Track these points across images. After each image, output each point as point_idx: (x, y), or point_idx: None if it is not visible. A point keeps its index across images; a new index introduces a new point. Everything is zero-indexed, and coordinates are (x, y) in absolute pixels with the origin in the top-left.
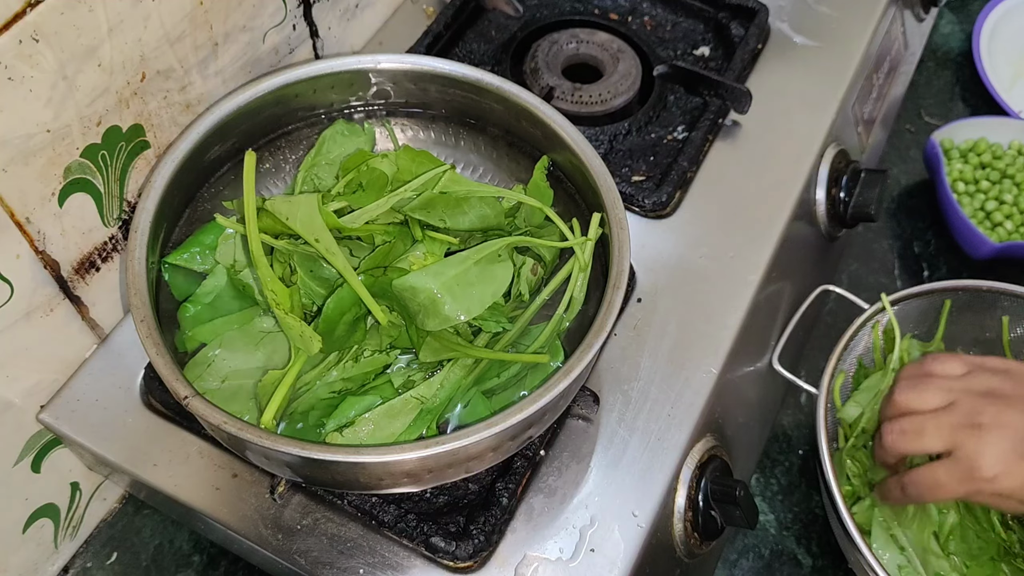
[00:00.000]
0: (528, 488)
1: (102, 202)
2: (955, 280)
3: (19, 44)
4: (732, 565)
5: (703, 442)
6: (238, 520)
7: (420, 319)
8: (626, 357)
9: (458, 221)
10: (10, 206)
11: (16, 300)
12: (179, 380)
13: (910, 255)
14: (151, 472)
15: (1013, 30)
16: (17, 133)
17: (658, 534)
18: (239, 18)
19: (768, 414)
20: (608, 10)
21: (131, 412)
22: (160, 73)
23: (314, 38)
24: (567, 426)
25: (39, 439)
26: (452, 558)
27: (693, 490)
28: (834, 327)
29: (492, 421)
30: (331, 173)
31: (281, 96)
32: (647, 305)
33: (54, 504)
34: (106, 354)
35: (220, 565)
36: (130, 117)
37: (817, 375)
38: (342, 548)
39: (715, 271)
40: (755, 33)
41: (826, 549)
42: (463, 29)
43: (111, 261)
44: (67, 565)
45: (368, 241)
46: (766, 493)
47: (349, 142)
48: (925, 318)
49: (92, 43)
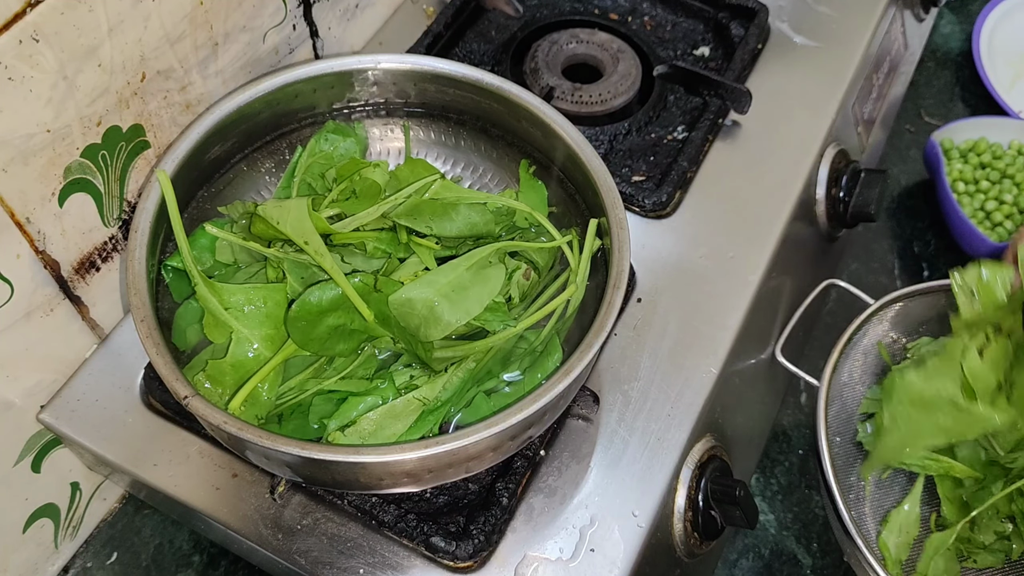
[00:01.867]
0: (528, 488)
1: (102, 202)
2: None
3: (19, 44)
4: (732, 565)
5: (703, 442)
6: (238, 520)
7: (423, 331)
8: (626, 357)
9: (445, 227)
10: (10, 206)
11: (16, 300)
12: (179, 380)
13: (910, 255)
14: (151, 472)
15: (1013, 30)
16: (17, 133)
17: (658, 534)
18: (239, 18)
19: (768, 414)
20: (608, 10)
21: (131, 412)
22: (160, 73)
23: (314, 38)
24: (567, 426)
25: (39, 439)
26: (452, 558)
27: (693, 490)
28: (834, 326)
29: (492, 421)
30: (320, 172)
31: (281, 96)
32: (647, 305)
33: (54, 504)
34: (106, 354)
35: (220, 565)
36: (130, 117)
37: (818, 372)
38: (342, 548)
39: (715, 271)
40: (755, 33)
41: (826, 549)
42: (463, 29)
43: (111, 261)
44: (67, 565)
45: (360, 248)
46: (766, 493)
47: (339, 143)
48: (928, 316)
49: (92, 43)
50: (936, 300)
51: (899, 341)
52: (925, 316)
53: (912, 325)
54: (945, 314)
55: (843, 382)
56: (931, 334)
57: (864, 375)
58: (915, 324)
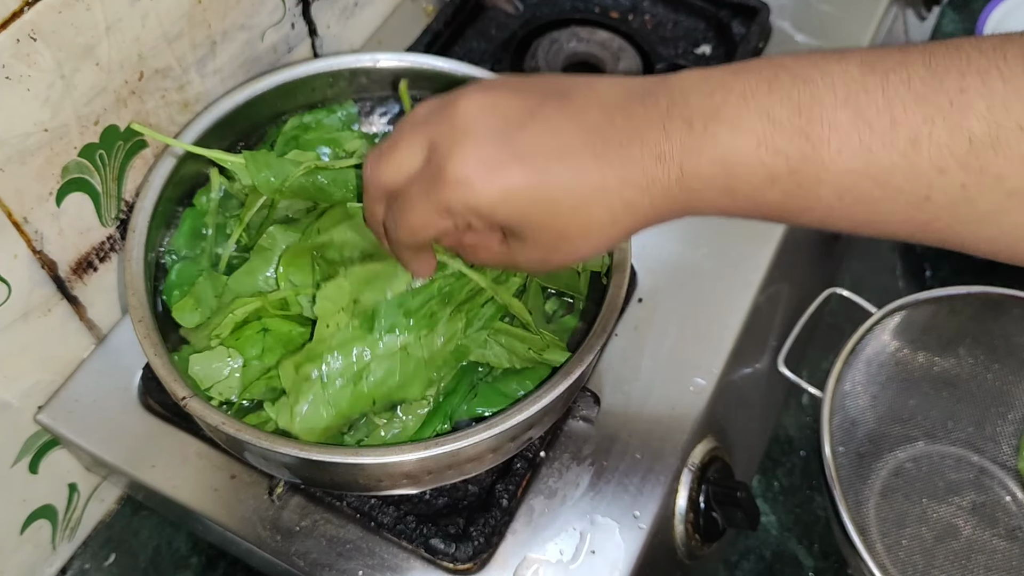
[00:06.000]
0: (528, 489)
1: (100, 202)
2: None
3: (17, 43)
4: (733, 567)
5: (704, 443)
6: (236, 521)
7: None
8: (627, 358)
9: None
10: (7, 206)
11: (13, 300)
12: (177, 380)
13: (912, 254)
14: (149, 473)
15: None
16: (14, 132)
17: (659, 536)
18: (237, 16)
19: (770, 415)
20: (609, 8)
21: (129, 413)
22: (158, 72)
23: (313, 36)
24: (568, 427)
25: (37, 440)
26: (452, 560)
27: (694, 491)
28: (836, 327)
29: (492, 422)
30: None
31: (279, 95)
32: (648, 305)
33: (52, 505)
34: (104, 354)
35: (218, 566)
36: (128, 116)
37: (819, 375)
38: (341, 550)
39: (716, 271)
40: (756, 32)
41: (828, 551)
42: (463, 27)
43: (109, 261)
44: (65, 566)
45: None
46: (767, 494)
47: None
48: (933, 323)
49: (90, 42)
50: (939, 308)
51: (902, 350)
52: (928, 324)
53: (915, 334)
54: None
55: (846, 391)
56: (934, 343)
57: (867, 384)
58: (918, 333)
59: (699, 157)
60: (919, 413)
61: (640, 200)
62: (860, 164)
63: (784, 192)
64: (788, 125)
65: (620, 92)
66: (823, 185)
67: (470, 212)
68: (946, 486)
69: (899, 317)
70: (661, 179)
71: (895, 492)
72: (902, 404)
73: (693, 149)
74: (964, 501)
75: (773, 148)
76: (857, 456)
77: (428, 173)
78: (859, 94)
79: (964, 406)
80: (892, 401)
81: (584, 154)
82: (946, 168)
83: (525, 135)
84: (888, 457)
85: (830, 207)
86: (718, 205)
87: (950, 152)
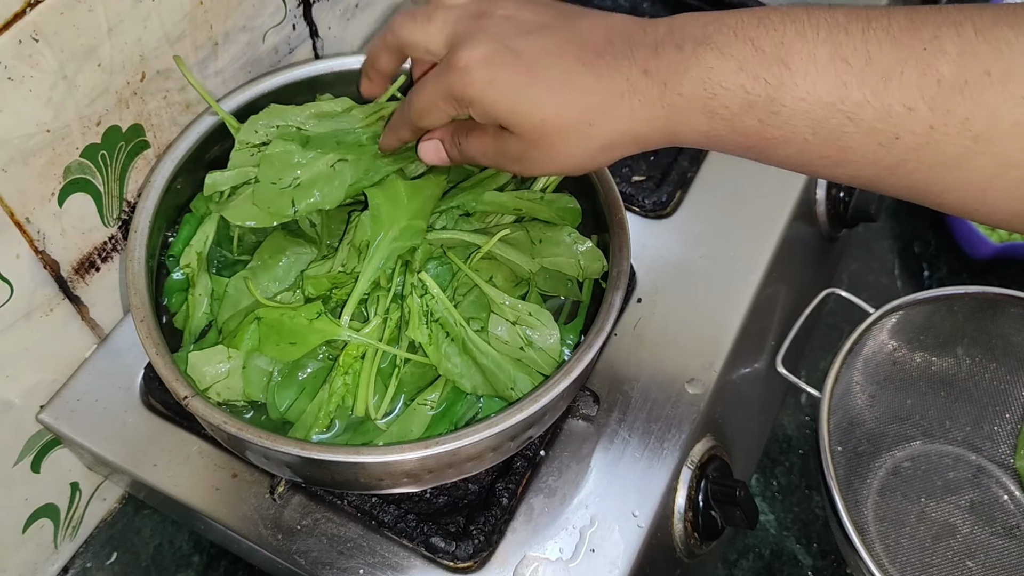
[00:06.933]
0: (528, 488)
1: (102, 202)
2: (963, 287)
3: (19, 44)
4: (732, 565)
5: (703, 442)
6: (238, 520)
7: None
8: (626, 357)
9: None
10: (10, 206)
11: (16, 300)
12: (179, 380)
13: (910, 255)
14: (151, 472)
15: None
16: (17, 133)
17: (658, 534)
18: (239, 18)
19: (768, 414)
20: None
21: (131, 412)
22: (160, 73)
23: (314, 38)
24: (567, 426)
25: (39, 439)
26: (452, 558)
27: (693, 490)
28: (835, 327)
29: (492, 421)
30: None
31: (281, 96)
32: (647, 305)
33: (54, 504)
34: (106, 354)
35: (220, 565)
36: (130, 117)
37: (817, 374)
38: (342, 548)
39: (715, 271)
40: None
41: (826, 549)
42: None
43: (111, 261)
44: (67, 565)
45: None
46: (766, 493)
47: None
48: (931, 323)
49: (92, 43)
50: (936, 308)
51: (899, 350)
52: (926, 324)
53: (913, 333)
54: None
55: (844, 391)
56: (932, 343)
57: (865, 384)
58: (916, 332)
59: (683, 75)
60: (917, 412)
61: (619, 107)
62: (835, 98)
63: (760, 120)
64: (770, 53)
65: (628, 22)
66: (798, 115)
67: (466, 100)
68: (944, 485)
69: (897, 317)
70: (643, 90)
71: (893, 491)
72: (900, 403)
73: (679, 67)
74: (962, 500)
75: (753, 73)
76: (855, 455)
77: (444, 61)
78: (840, 34)
79: (962, 405)
80: (890, 400)
81: (574, 62)
82: (915, 107)
83: (528, 41)
84: (886, 456)
85: (805, 141)
86: (698, 129)
87: (919, 92)
